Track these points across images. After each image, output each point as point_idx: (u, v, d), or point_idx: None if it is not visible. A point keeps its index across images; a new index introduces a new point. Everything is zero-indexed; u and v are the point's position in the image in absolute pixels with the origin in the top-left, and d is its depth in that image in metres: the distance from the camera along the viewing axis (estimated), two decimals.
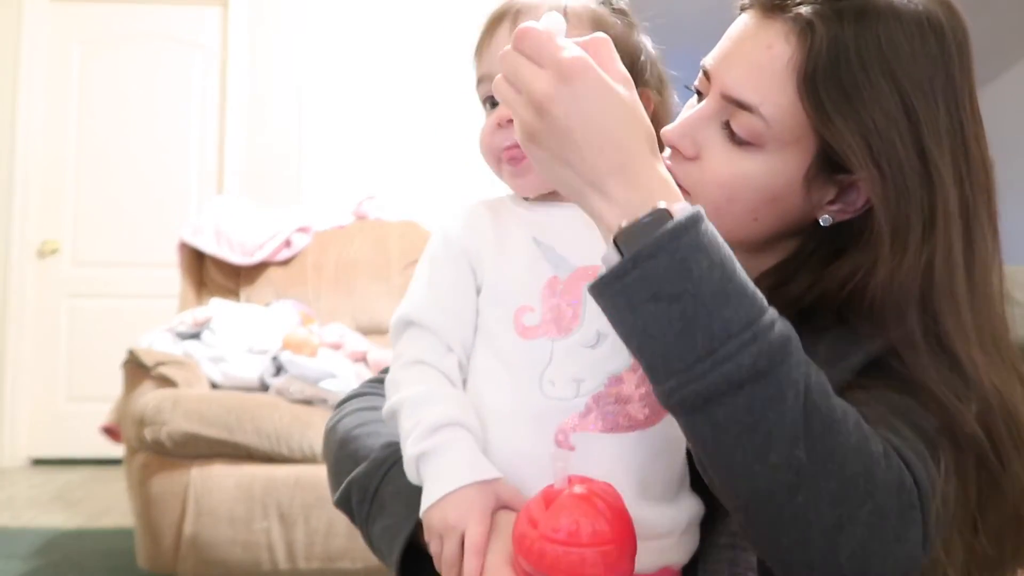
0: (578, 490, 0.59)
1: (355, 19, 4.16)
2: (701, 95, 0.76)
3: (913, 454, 0.61)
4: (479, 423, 0.70)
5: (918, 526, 0.58)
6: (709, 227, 0.58)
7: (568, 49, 0.60)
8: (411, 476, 0.69)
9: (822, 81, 0.68)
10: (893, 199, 0.68)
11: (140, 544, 2.16)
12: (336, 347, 2.68)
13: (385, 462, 0.77)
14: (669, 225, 0.57)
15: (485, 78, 0.77)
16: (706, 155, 0.74)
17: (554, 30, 0.62)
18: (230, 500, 2.11)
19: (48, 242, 4.14)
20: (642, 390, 0.69)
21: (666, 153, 0.76)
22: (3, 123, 4.10)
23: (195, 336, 2.56)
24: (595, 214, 0.61)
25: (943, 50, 0.69)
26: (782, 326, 0.58)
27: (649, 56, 0.81)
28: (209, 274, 3.05)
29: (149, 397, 2.16)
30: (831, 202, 0.73)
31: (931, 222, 0.68)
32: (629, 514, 0.59)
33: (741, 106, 0.71)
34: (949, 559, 0.65)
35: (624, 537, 0.58)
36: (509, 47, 0.62)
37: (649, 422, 0.69)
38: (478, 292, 0.74)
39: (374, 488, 0.77)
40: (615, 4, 0.80)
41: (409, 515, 0.71)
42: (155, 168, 4.18)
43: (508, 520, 0.64)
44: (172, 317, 2.77)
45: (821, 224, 0.74)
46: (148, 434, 2.09)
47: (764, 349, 0.56)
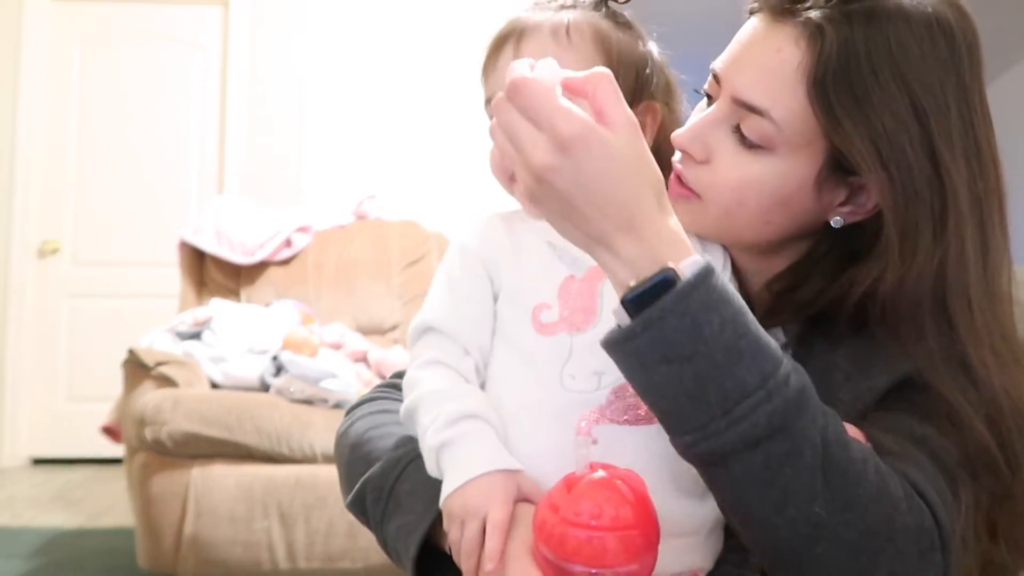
0: (600, 475, 0.58)
1: (356, 19, 4.16)
2: (711, 98, 0.76)
3: (933, 491, 0.61)
4: (499, 421, 0.69)
5: (939, 567, 0.59)
6: (719, 281, 0.58)
7: (565, 117, 0.57)
8: (430, 468, 0.69)
9: (832, 85, 0.67)
10: (902, 203, 0.67)
11: (140, 544, 2.16)
12: (336, 347, 2.68)
13: (400, 461, 0.77)
14: (677, 286, 0.56)
15: (491, 100, 0.77)
16: (717, 159, 0.73)
17: (550, 81, 0.58)
18: (230, 500, 2.11)
19: (48, 242, 4.14)
20: None
21: (676, 157, 0.76)
22: (3, 123, 4.10)
23: (195, 336, 2.56)
24: (605, 268, 0.61)
25: (953, 52, 0.69)
26: (797, 378, 0.58)
27: (655, 66, 0.80)
28: (209, 274, 3.05)
29: (149, 397, 2.16)
30: (842, 204, 0.73)
31: (942, 225, 0.67)
32: (652, 502, 0.59)
33: (752, 110, 0.70)
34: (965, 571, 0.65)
35: (647, 523, 0.57)
36: (502, 95, 0.59)
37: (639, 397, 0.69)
38: (496, 299, 0.75)
39: (389, 487, 0.76)
40: (619, 17, 0.79)
41: (426, 513, 0.71)
42: (155, 168, 4.17)
43: (528, 512, 0.64)
44: (172, 317, 2.77)
45: (832, 226, 0.74)
46: (148, 434, 2.10)
47: (779, 407, 0.56)
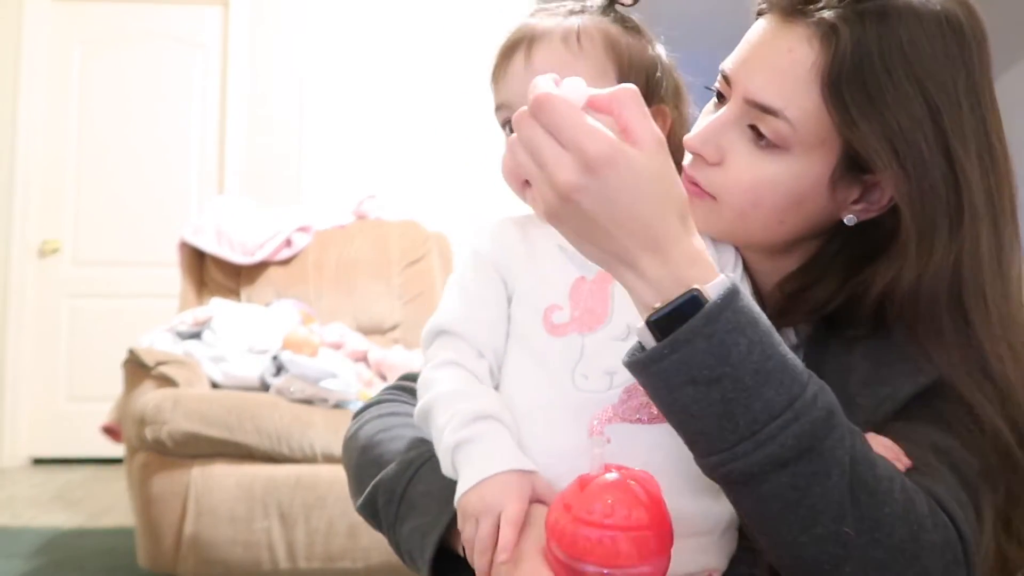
0: (614, 476, 0.58)
1: (356, 19, 4.16)
2: (721, 98, 0.76)
3: (956, 505, 0.61)
4: (513, 422, 0.69)
5: None
6: (745, 302, 0.58)
7: (592, 136, 0.55)
8: (445, 468, 0.69)
9: (847, 84, 0.67)
10: (919, 200, 0.68)
11: (141, 543, 2.16)
12: (337, 347, 2.68)
13: (413, 463, 0.77)
14: (705, 308, 0.56)
15: (503, 106, 0.77)
16: (730, 160, 0.73)
17: (575, 98, 0.57)
18: (231, 500, 2.11)
19: (48, 242, 4.14)
20: None
21: (687, 160, 0.76)
22: (3, 123, 4.10)
23: (196, 336, 2.56)
24: (627, 287, 0.60)
25: (963, 49, 0.69)
26: (824, 398, 0.58)
27: (664, 69, 0.80)
28: (210, 273, 3.05)
29: (150, 397, 2.16)
30: (855, 201, 0.73)
31: (958, 220, 0.68)
32: (666, 504, 0.58)
33: (765, 110, 0.70)
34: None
35: (661, 525, 0.57)
36: (525, 109, 0.58)
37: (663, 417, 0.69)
38: (509, 301, 0.75)
39: (402, 489, 0.76)
40: (627, 22, 0.79)
41: (441, 514, 0.71)
42: (156, 168, 4.17)
43: (541, 512, 0.63)
44: (173, 317, 2.77)
45: (846, 224, 0.74)
46: (149, 433, 2.10)
47: (807, 429, 0.57)
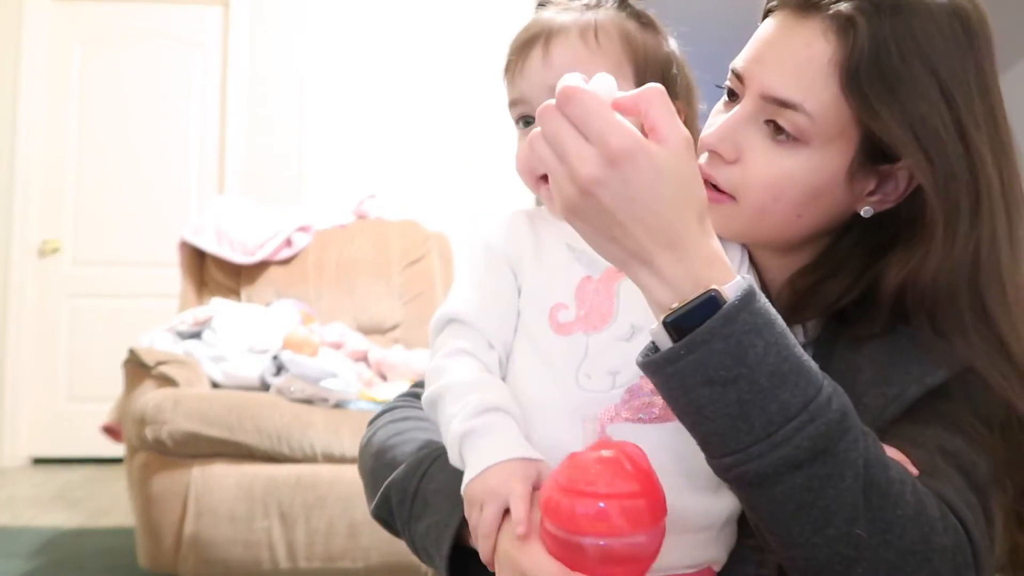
0: (604, 452, 0.59)
1: (356, 18, 4.16)
2: (732, 96, 0.76)
3: (966, 507, 0.62)
4: (521, 415, 0.70)
5: None
6: (762, 303, 0.58)
7: (617, 131, 0.56)
8: (453, 458, 0.69)
9: (865, 75, 0.69)
10: (943, 184, 0.69)
11: (141, 543, 2.17)
12: (337, 346, 2.68)
13: (423, 461, 0.77)
14: (723, 309, 0.56)
15: (519, 101, 0.77)
16: (747, 157, 0.74)
17: (604, 94, 0.57)
18: (231, 499, 2.11)
19: (48, 241, 4.14)
20: None
21: (703, 159, 0.76)
22: (3, 123, 4.10)
23: (196, 335, 2.56)
24: (642, 286, 0.60)
25: (971, 40, 0.71)
26: (838, 400, 0.59)
27: (679, 65, 0.80)
28: (210, 273, 3.05)
29: (150, 396, 2.16)
30: (870, 193, 0.74)
31: (977, 205, 0.69)
32: (655, 474, 0.59)
33: (784, 104, 0.71)
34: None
35: (652, 494, 0.57)
36: (551, 102, 0.58)
37: (676, 417, 0.69)
38: (519, 294, 0.76)
39: (414, 487, 0.76)
40: (642, 17, 0.79)
41: (454, 509, 0.71)
42: (156, 167, 4.17)
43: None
44: (173, 316, 2.77)
45: (863, 216, 0.75)
46: (149, 433, 2.10)
47: (822, 430, 0.57)
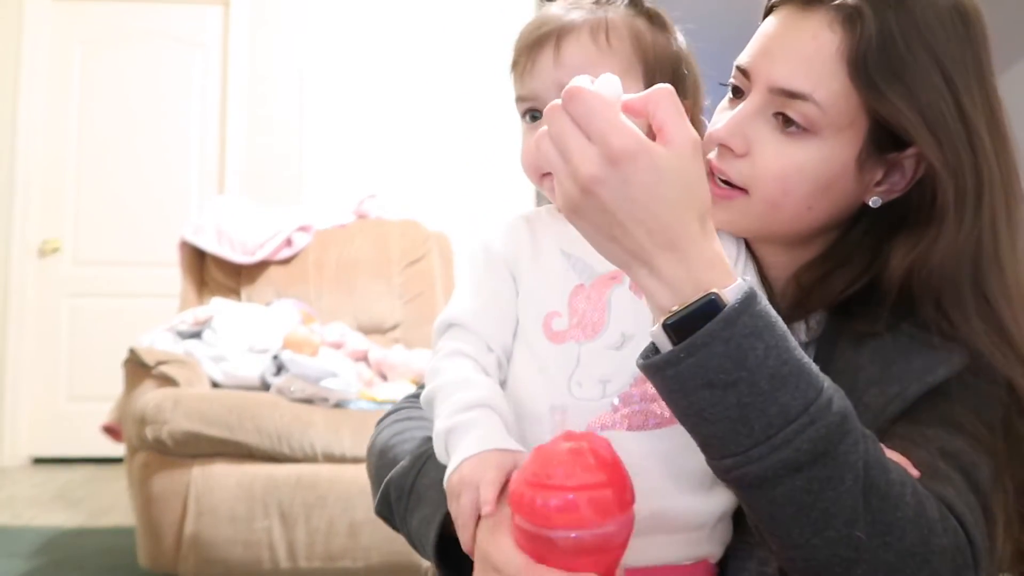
0: (570, 444, 0.59)
1: (356, 18, 4.16)
2: (737, 92, 0.77)
3: (966, 508, 0.62)
4: (515, 420, 0.70)
5: None
6: (762, 306, 0.58)
7: (619, 131, 0.56)
8: (439, 454, 0.70)
9: (874, 63, 0.70)
10: (952, 166, 0.70)
11: (141, 543, 2.17)
12: (337, 346, 2.68)
13: (421, 458, 0.78)
14: (723, 312, 0.56)
15: (528, 98, 0.77)
16: (757, 149, 0.74)
17: (609, 95, 0.58)
18: (231, 499, 2.11)
19: (49, 241, 4.14)
20: None
21: (713, 153, 0.77)
22: (4, 123, 4.10)
23: (196, 335, 2.56)
24: (642, 287, 0.60)
25: (970, 32, 0.73)
26: (839, 402, 0.59)
27: (688, 64, 0.81)
28: (210, 273, 3.05)
29: (150, 396, 2.17)
30: (878, 183, 0.75)
31: (979, 188, 0.71)
32: (623, 464, 0.59)
33: (793, 96, 0.72)
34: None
35: (619, 483, 0.57)
36: (557, 102, 0.58)
37: (676, 419, 0.69)
38: (518, 297, 0.76)
39: (411, 483, 0.77)
40: (653, 16, 0.79)
41: (443, 502, 0.71)
42: (156, 167, 4.17)
43: None
44: (173, 316, 2.77)
45: (871, 206, 0.76)
46: (149, 433, 2.10)
47: (822, 433, 0.57)
